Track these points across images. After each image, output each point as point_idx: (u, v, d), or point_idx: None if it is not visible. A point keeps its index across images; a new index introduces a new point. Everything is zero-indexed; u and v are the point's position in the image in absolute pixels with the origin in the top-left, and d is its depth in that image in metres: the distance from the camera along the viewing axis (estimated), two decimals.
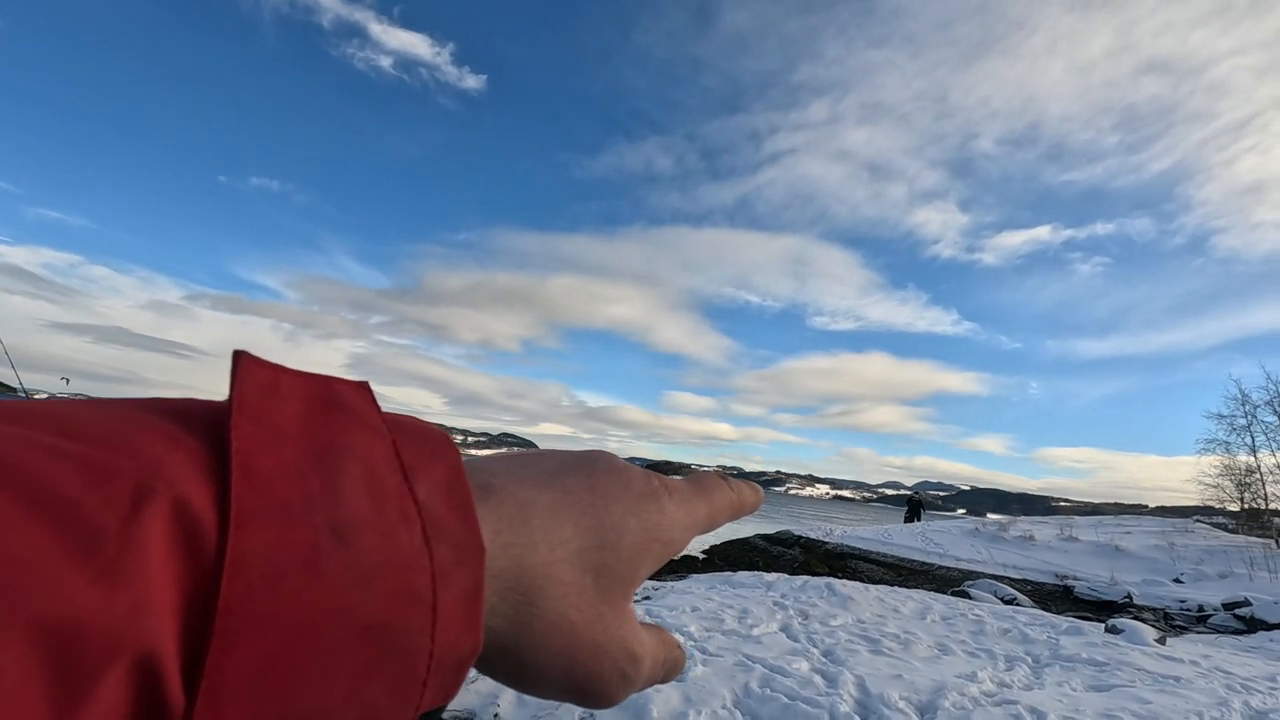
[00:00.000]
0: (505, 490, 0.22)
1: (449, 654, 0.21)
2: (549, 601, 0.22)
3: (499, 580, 0.21)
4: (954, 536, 18.81)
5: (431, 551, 0.21)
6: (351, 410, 0.21)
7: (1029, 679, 4.45)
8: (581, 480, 0.22)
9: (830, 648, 4.71)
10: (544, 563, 0.22)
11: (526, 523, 0.22)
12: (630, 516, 0.22)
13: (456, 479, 0.21)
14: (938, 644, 5.23)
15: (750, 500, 0.26)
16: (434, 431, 0.22)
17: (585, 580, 0.22)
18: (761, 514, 45.90)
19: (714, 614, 5.54)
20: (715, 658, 4.17)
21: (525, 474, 0.22)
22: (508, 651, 0.22)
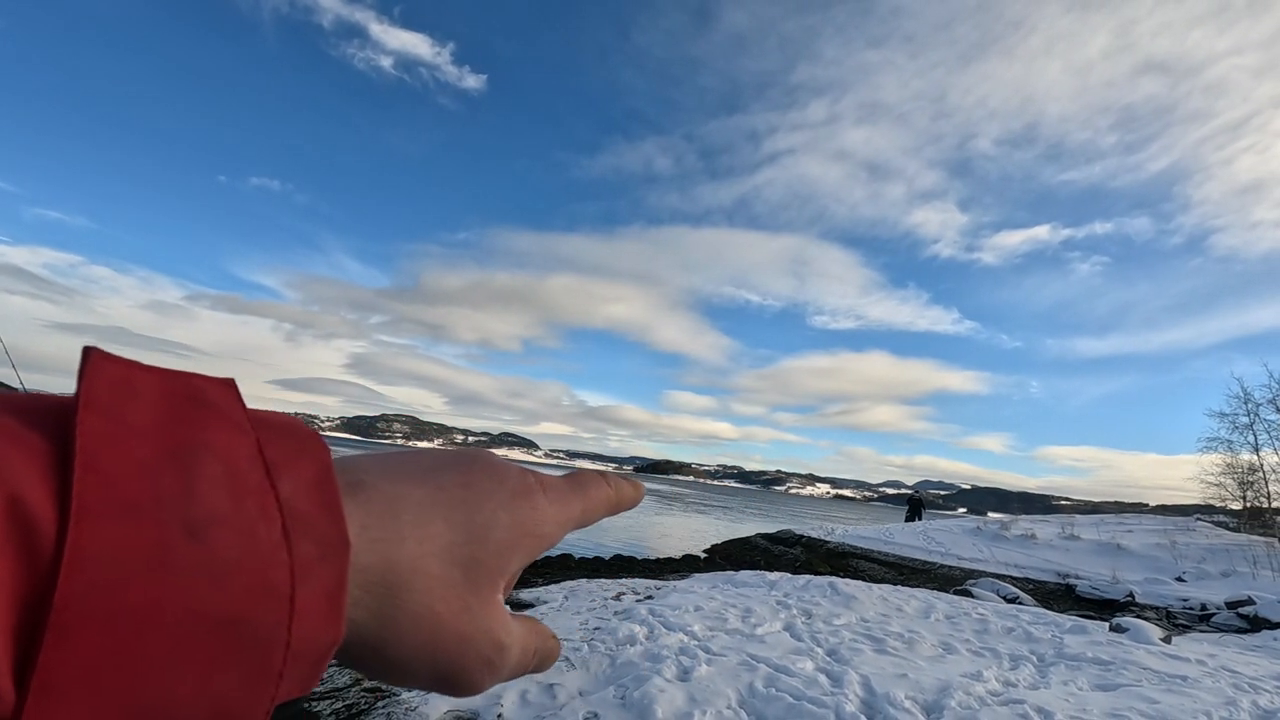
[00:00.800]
0: (375, 487, 0.22)
1: (307, 647, 0.22)
2: (415, 595, 0.22)
3: (365, 574, 0.22)
4: (956, 535, 18.77)
5: (291, 547, 0.22)
6: (213, 407, 0.22)
7: (1034, 678, 4.43)
8: (455, 477, 0.22)
9: (834, 647, 4.68)
10: (412, 557, 0.22)
11: (396, 518, 0.22)
12: (502, 512, 0.22)
13: (324, 476, 0.22)
14: (942, 643, 5.20)
15: (629, 497, 0.26)
16: (303, 430, 0.23)
17: (454, 574, 0.22)
18: (762, 513, 45.52)
19: (717, 613, 5.51)
20: (719, 657, 4.14)
21: (398, 471, 0.22)
22: (371, 644, 0.22)
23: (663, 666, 3.82)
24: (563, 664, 3.89)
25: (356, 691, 3.31)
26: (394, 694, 3.29)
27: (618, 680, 3.68)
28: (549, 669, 0.25)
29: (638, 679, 3.62)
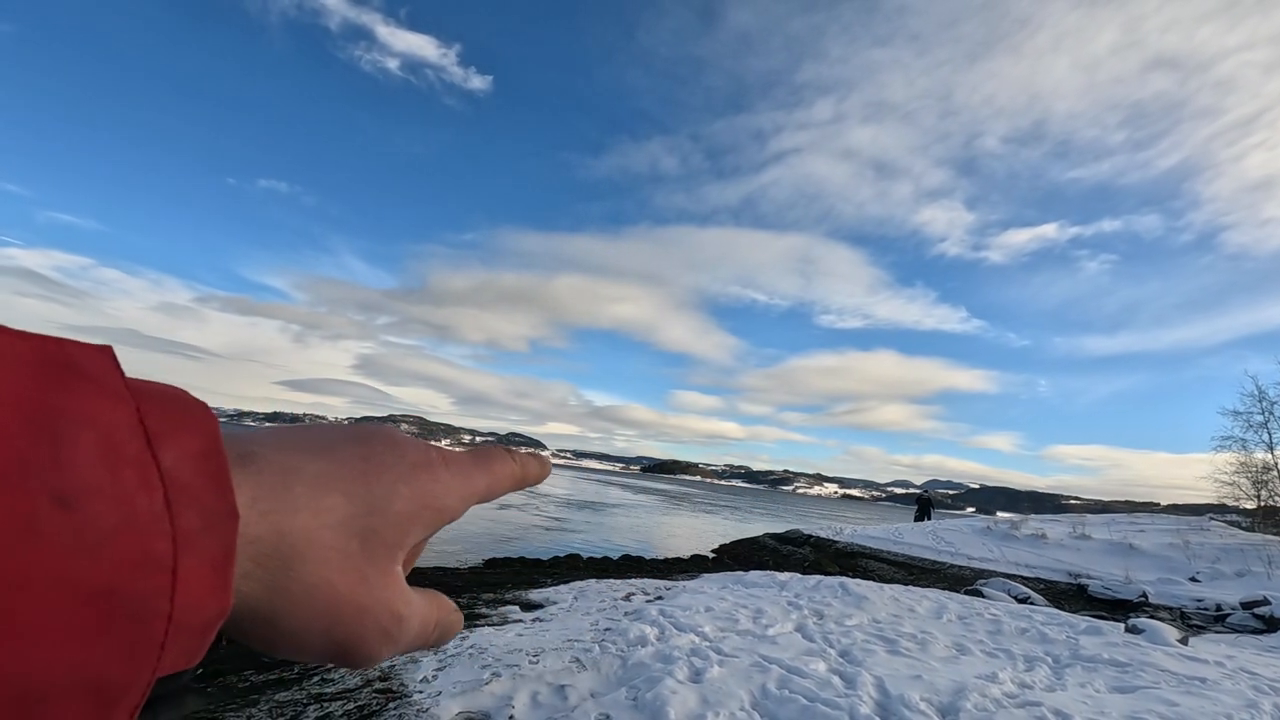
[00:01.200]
0: (267, 459, 0.22)
1: (192, 618, 0.22)
2: (310, 566, 0.22)
3: (255, 546, 0.22)
4: (965, 535, 18.66)
5: (174, 517, 0.22)
6: (88, 376, 0.22)
7: (1050, 680, 4.37)
8: (354, 450, 0.22)
9: (847, 648, 4.64)
10: (306, 528, 0.22)
11: (289, 489, 0.22)
12: (402, 484, 0.22)
13: (210, 446, 0.22)
14: (955, 644, 5.15)
15: (534, 472, 0.25)
16: (189, 400, 0.23)
17: (351, 545, 0.22)
18: (770, 513, 45.40)
19: (728, 614, 5.48)
20: (731, 658, 4.11)
21: (293, 444, 0.22)
22: (263, 615, 0.22)
23: (674, 668, 3.79)
24: (574, 665, 3.87)
25: (368, 693, 3.29)
26: (405, 695, 3.27)
27: (629, 682, 3.65)
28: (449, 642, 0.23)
29: (650, 680, 3.60)
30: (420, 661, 3.80)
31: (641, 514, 34.50)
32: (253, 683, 3.58)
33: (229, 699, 3.28)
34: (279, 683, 3.54)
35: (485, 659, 3.86)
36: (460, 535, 17.19)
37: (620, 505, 39.30)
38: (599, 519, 27.85)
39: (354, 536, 0.22)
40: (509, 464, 0.24)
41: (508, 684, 3.50)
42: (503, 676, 3.57)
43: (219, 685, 3.60)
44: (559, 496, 41.02)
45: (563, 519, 25.69)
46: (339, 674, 3.66)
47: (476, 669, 3.68)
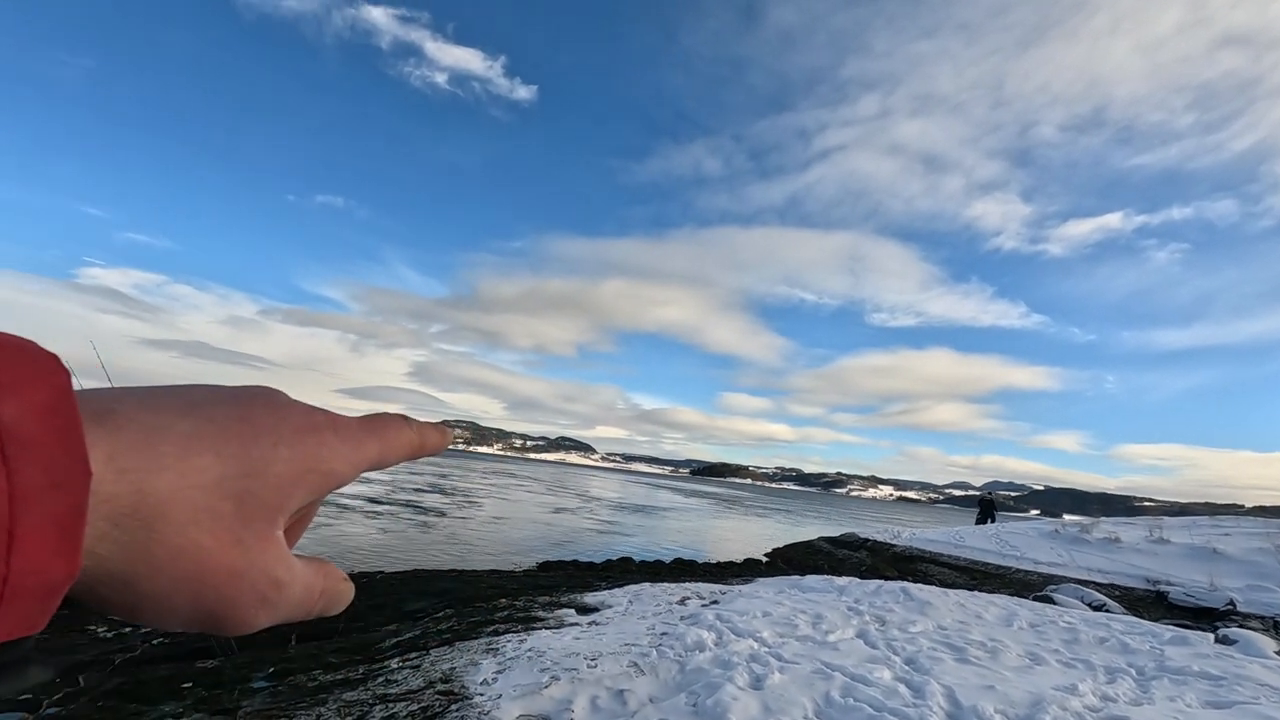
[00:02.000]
0: (129, 416, 0.21)
1: (32, 580, 0.21)
2: (176, 527, 0.21)
3: (112, 505, 0.21)
4: (1031, 539, 17.89)
5: (12, 473, 0.21)
6: None
7: (1135, 693, 4.12)
8: (231, 411, 0.21)
9: (912, 655, 4.47)
10: (172, 488, 0.21)
11: (153, 448, 0.21)
12: (284, 447, 0.21)
13: (60, 401, 0.21)
14: (1028, 653, 4.91)
15: (434, 441, 0.23)
16: (38, 351, 0.21)
17: (224, 506, 0.22)
18: (823, 516, 44.77)
19: (786, 619, 5.36)
20: (791, 665, 4.01)
21: (161, 403, 0.21)
22: (122, 579, 0.21)
23: (734, 674, 3.72)
24: (632, 670, 3.83)
25: (430, 694, 3.33)
26: (467, 697, 3.30)
27: (688, 687, 3.60)
28: (340, 610, 0.23)
29: (709, 686, 3.54)
30: (480, 664, 3.83)
31: (692, 517, 34.35)
32: (321, 682, 3.67)
33: (299, 698, 3.37)
34: (345, 683, 3.62)
35: (544, 662, 3.87)
36: (513, 538, 17.40)
37: (670, 508, 39.19)
38: (650, 522, 27.83)
39: (228, 498, 0.22)
40: (405, 431, 0.23)
41: (567, 687, 3.49)
42: (561, 680, 3.57)
43: (288, 684, 3.70)
44: (610, 500, 41.19)
45: (614, 522, 25.77)
46: (402, 674, 3.73)
47: (535, 672, 3.68)
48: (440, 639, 4.78)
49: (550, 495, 39.06)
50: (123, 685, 3.76)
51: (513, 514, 24.32)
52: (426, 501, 25.27)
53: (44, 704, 3.45)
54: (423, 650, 4.38)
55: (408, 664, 3.98)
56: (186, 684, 3.77)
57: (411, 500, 25.00)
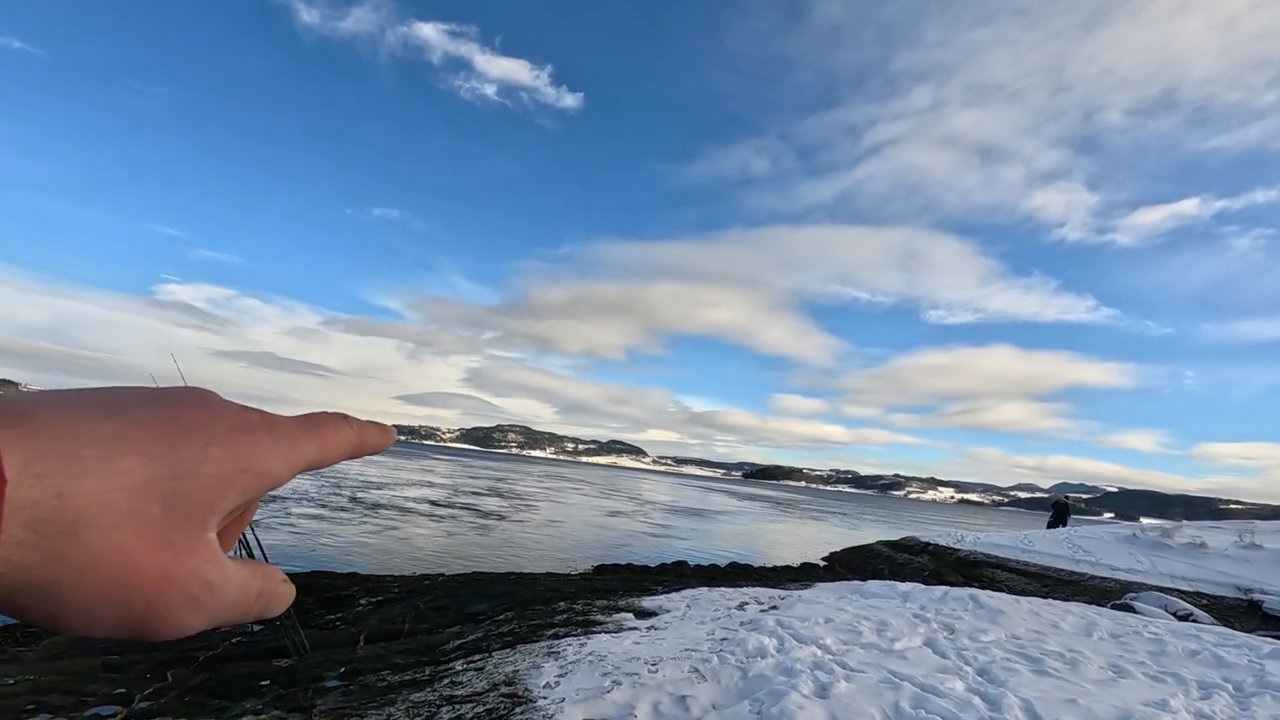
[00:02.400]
0: (47, 419, 0.21)
1: None
2: (99, 532, 0.21)
3: (29, 511, 0.21)
4: (1106, 543, 17.00)
5: None
6: None
7: (1233, 711, 3.85)
8: (158, 412, 0.21)
9: (985, 666, 4.29)
10: (95, 492, 0.21)
11: (73, 452, 0.21)
12: (215, 447, 0.21)
13: None
14: (1111, 665, 4.65)
15: (374, 440, 0.23)
16: None
17: (152, 509, 0.21)
18: (882, 519, 43.76)
19: (849, 626, 5.23)
20: (858, 673, 3.90)
21: (84, 406, 0.21)
22: (43, 587, 0.21)
23: (798, 681, 3.64)
24: (693, 675, 3.80)
25: (495, 696, 3.37)
26: (530, 700, 3.32)
27: (751, 694, 3.54)
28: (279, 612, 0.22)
29: (773, 694, 3.47)
30: (542, 667, 3.86)
31: (746, 521, 34.00)
32: (389, 683, 3.76)
33: (369, 698, 3.46)
34: (412, 683, 3.70)
35: (605, 666, 3.87)
36: (568, 541, 17.56)
37: (724, 512, 38.89)
38: (704, 525, 27.67)
39: (155, 501, 0.21)
40: (344, 430, 0.23)
41: (629, 692, 3.48)
42: (623, 685, 3.56)
43: (359, 684, 3.81)
44: (662, 503, 41.16)
45: (668, 525, 25.73)
46: (466, 676, 3.79)
47: (597, 676, 3.69)
48: (502, 641, 4.85)
49: (603, 498, 39.27)
50: (207, 681, 3.94)
51: (567, 517, 24.55)
52: (484, 505, 25.76)
53: (136, 698, 3.64)
54: (485, 652, 4.44)
55: (471, 666, 4.05)
56: (264, 681, 3.93)
57: (470, 503, 25.53)
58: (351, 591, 8.35)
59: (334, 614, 7.36)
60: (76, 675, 4.14)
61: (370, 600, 7.92)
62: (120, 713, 3.40)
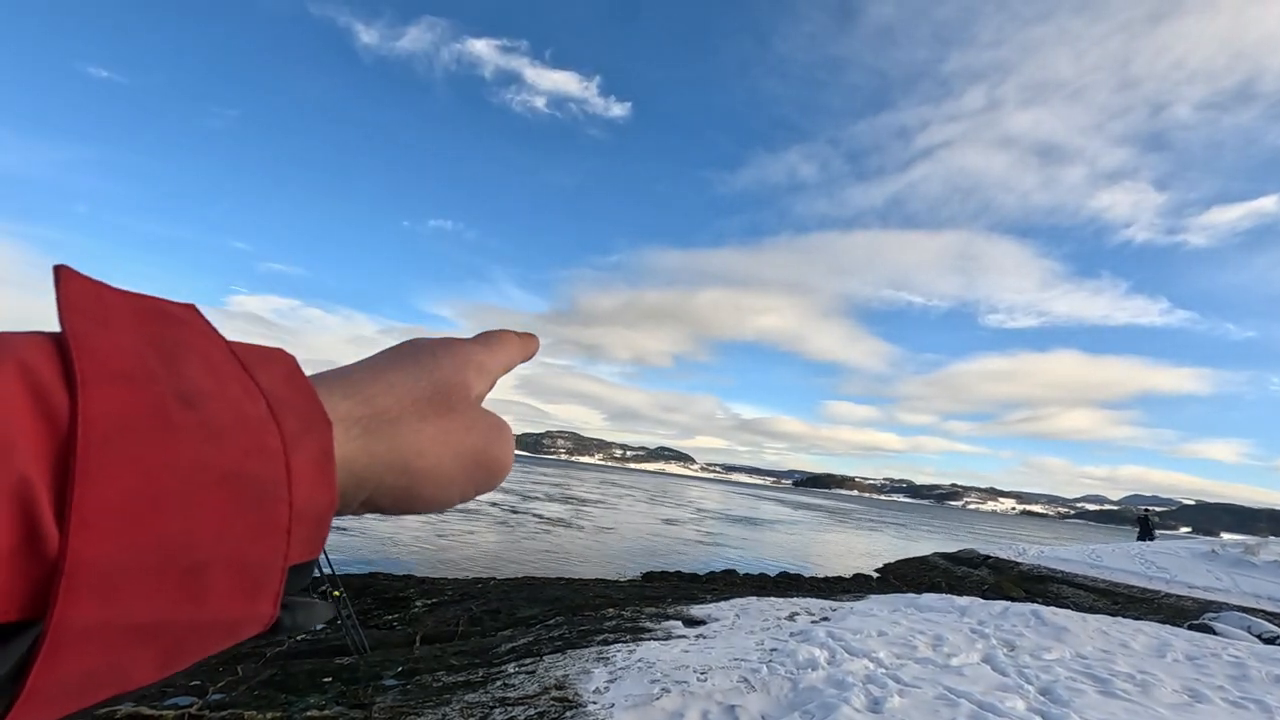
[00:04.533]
0: (327, 375, 0.25)
1: (308, 507, 0.25)
2: (407, 412, 0.25)
3: (352, 419, 0.25)
4: (1182, 559, 16.11)
5: (279, 420, 0.25)
6: (181, 320, 0.25)
7: None
8: (385, 353, 0.25)
9: (1048, 685, 4.13)
10: (384, 392, 0.25)
11: (352, 382, 0.25)
12: (439, 352, 0.25)
13: (294, 371, 0.25)
14: (1186, 689, 4.42)
15: (532, 346, 0.30)
16: (272, 346, 0.26)
17: (427, 392, 0.25)
18: (938, 530, 42.38)
19: (904, 639, 5.11)
20: (912, 689, 3.82)
21: (341, 367, 0.25)
22: (399, 465, 0.25)
23: (850, 695, 3.58)
24: (742, 685, 3.78)
25: (546, 700, 3.44)
26: (580, 705, 3.37)
27: (801, 706, 3.51)
28: None
29: (824, 707, 3.43)
30: (592, 672, 3.91)
31: (797, 529, 33.48)
32: (444, 683, 3.87)
33: (425, 697, 3.57)
34: (466, 685, 3.80)
35: (654, 674, 3.89)
36: (618, 548, 17.63)
37: (775, 520, 38.39)
38: (753, 534, 27.38)
39: (425, 389, 0.25)
40: (512, 338, 0.29)
41: (678, 700, 3.49)
42: (672, 692, 3.58)
43: (415, 683, 3.93)
44: (712, 510, 40.91)
45: (717, 533, 25.56)
46: (518, 679, 3.86)
47: (646, 683, 3.71)
48: (553, 646, 4.92)
49: (652, 505, 39.28)
50: (274, 676, 4.13)
51: (617, 523, 24.66)
52: (537, 510, 26.12)
53: (209, 690, 3.85)
54: (537, 656, 4.52)
55: (523, 669, 4.13)
56: (327, 678, 4.09)
57: (524, 509, 25.93)
58: (408, 593, 8.60)
59: (392, 614, 7.60)
60: None
61: (426, 602, 8.14)
62: (196, 703, 3.60)
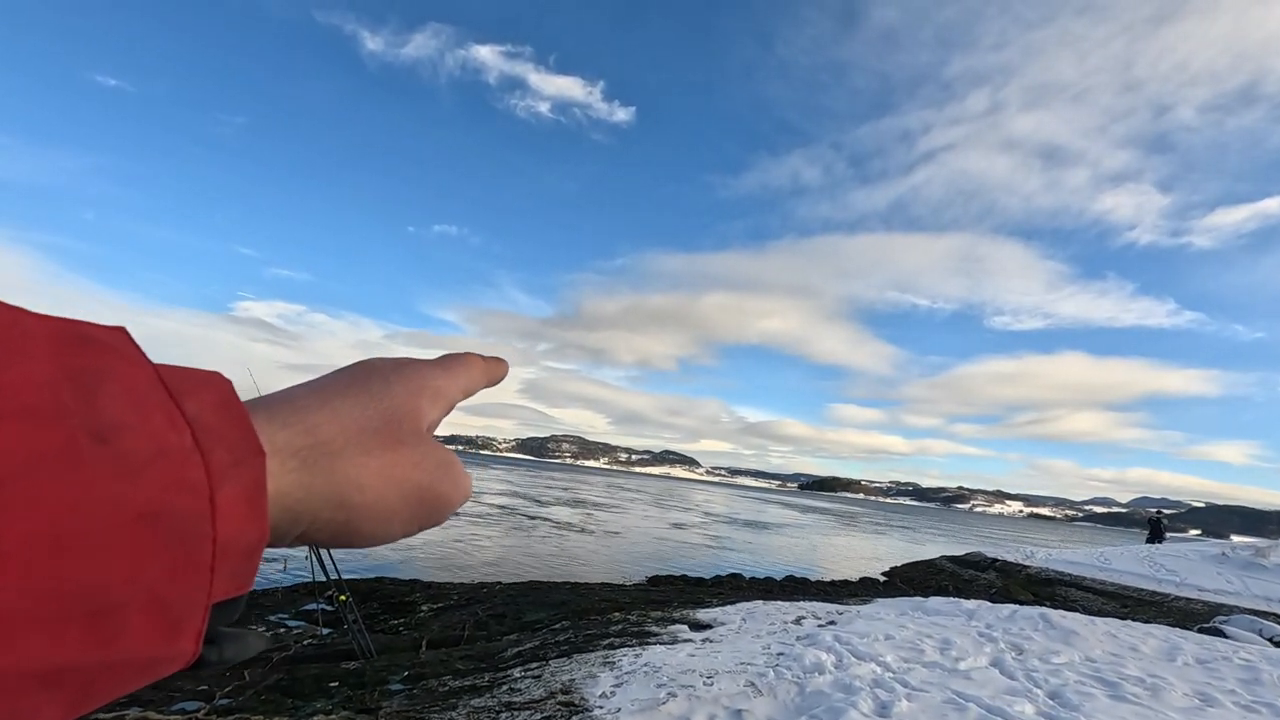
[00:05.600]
0: (269, 399, 0.24)
1: (235, 542, 0.24)
2: (350, 444, 0.24)
3: (290, 448, 0.24)
4: (1192, 562, 15.98)
5: (205, 451, 0.25)
6: (107, 345, 0.24)
7: None
8: (338, 374, 0.24)
9: (1057, 689, 4.11)
10: (329, 420, 0.24)
11: (298, 407, 0.24)
12: (393, 376, 0.24)
13: (228, 398, 0.25)
14: (1197, 693, 4.38)
15: (497, 371, 0.27)
16: (207, 370, 0.25)
17: (375, 423, 0.24)
18: (945, 533, 42.12)
19: (911, 643, 5.09)
20: (920, 693, 3.80)
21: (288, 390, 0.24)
22: (335, 499, 0.24)
23: (857, 699, 3.57)
24: (749, 690, 3.77)
25: (552, 704, 3.43)
26: (586, 709, 3.37)
27: (809, 711, 3.49)
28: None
29: (831, 711, 3.41)
30: (598, 677, 3.90)
31: (803, 533, 33.38)
32: (451, 688, 3.86)
33: (432, 701, 3.57)
34: (473, 689, 3.80)
35: (660, 678, 3.88)
36: (624, 552, 17.61)
37: (781, 524, 38.29)
38: (759, 538, 27.31)
39: (374, 419, 0.25)
40: (477, 361, 0.26)
41: (684, 704, 3.48)
42: (678, 697, 3.57)
43: (422, 688, 3.93)
44: (718, 514, 40.82)
45: (723, 537, 25.50)
46: (524, 684, 3.86)
47: (652, 688, 3.70)
48: (559, 650, 4.92)
49: (657, 509, 39.24)
50: (281, 681, 4.14)
51: (623, 527, 24.63)
52: (543, 514, 26.12)
53: (216, 694, 3.85)
54: (543, 661, 4.52)
55: (529, 673, 4.12)
56: (334, 683, 4.10)
57: (529, 512, 25.93)
58: (414, 598, 8.60)
59: (398, 619, 7.61)
60: None
61: (432, 606, 8.14)
62: (203, 708, 3.61)
